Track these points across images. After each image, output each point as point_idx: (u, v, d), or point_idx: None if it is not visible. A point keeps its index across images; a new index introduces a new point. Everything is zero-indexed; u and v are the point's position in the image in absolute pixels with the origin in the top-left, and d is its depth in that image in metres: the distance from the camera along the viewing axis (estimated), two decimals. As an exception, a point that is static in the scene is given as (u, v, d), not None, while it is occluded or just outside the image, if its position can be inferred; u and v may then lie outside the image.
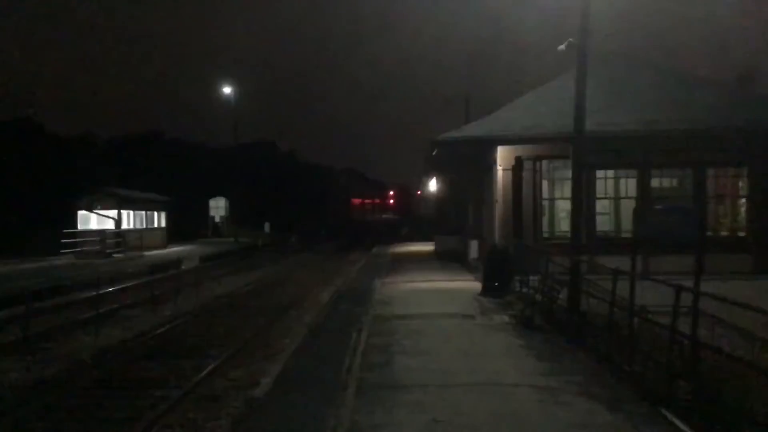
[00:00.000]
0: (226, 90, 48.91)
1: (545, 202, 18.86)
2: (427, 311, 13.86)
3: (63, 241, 29.35)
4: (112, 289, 19.34)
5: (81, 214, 31.67)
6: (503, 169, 18.66)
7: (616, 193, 18.72)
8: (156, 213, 37.84)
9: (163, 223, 39.02)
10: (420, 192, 73.70)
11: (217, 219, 54.26)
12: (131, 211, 33.97)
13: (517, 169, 18.50)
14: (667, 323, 7.70)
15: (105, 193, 32.58)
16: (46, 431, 8.11)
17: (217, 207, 54.38)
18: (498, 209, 18.87)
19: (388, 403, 7.49)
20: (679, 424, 6.63)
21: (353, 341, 11.09)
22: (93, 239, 29.96)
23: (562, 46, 13.50)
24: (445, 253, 29.17)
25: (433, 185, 43.81)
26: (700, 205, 17.52)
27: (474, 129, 19.56)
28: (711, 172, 18.53)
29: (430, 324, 12.40)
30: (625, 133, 17.35)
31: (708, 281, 9.24)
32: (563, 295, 12.60)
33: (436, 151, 20.81)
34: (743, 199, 18.53)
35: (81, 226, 31.31)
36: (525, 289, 15.21)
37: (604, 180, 18.64)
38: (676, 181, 19.11)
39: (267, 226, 55.08)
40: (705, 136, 17.46)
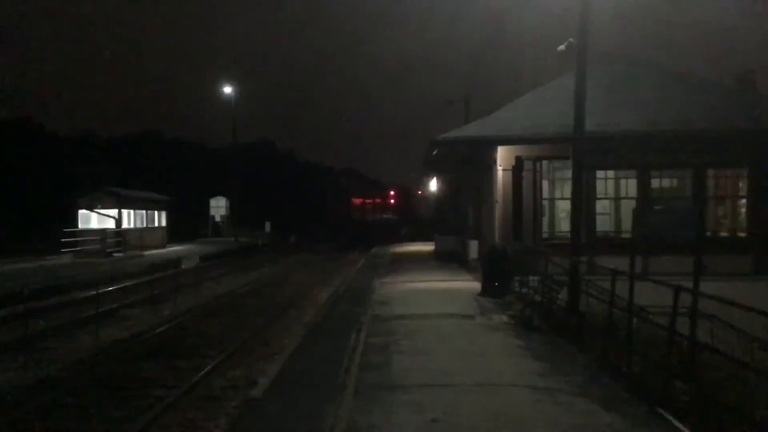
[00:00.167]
0: (226, 90, 48.94)
1: (545, 203, 18.85)
2: (426, 311, 13.84)
3: (63, 240, 29.36)
4: (111, 288, 19.39)
5: (81, 213, 31.67)
6: (503, 170, 18.64)
7: (616, 193, 18.72)
8: (156, 212, 37.86)
9: (164, 223, 39.04)
10: (420, 192, 73.68)
11: (217, 218, 54.26)
12: (131, 211, 33.98)
13: (517, 169, 18.48)
14: (666, 324, 7.70)
15: (105, 193, 32.55)
16: (44, 431, 8.10)
17: (218, 206, 54.39)
18: (498, 209, 18.85)
19: (386, 403, 7.48)
20: (677, 424, 6.63)
21: (352, 341, 11.08)
22: (93, 238, 29.96)
23: (562, 47, 13.51)
24: (445, 254, 29.15)
25: (433, 185, 43.80)
26: (700, 205, 17.51)
27: (474, 129, 19.55)
28: (711, 172, 18.54)
29: (429, 324, 12.38)
30: (625, 134, 17.34)
31: (708, 282, 9.23)
32: (562, 295, 12.59)
33: (435, 151, 20.80)
34: (743, 200, 18.53)
35: (81, 226, 31.30)
36: (524, 289, 15.20)
37: (604, 180, 18.63)
38: (676, 181, 19.11)
39: (267, 226, 55.08)
40: (705, 137, 17.45)
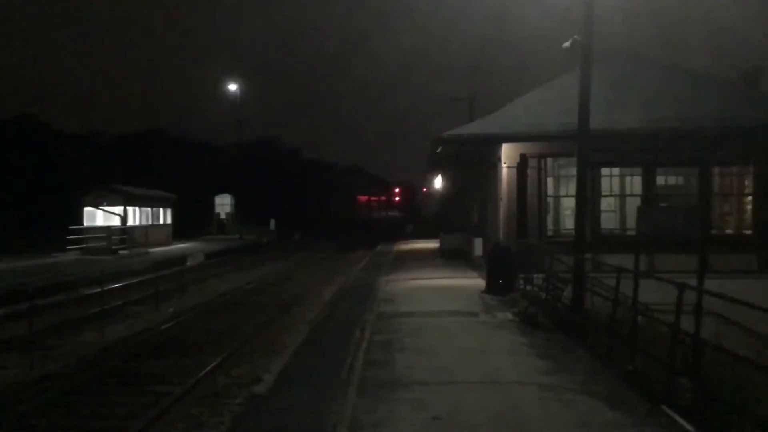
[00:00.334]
0: (231, 87, 49.01)
1: (550, 200, 18.81)
2: (430, 309, 13.83)
3: (68, 237, 29.47)
4: (116, 285, 19.46)
5: (87, 210, 31.78)
6: (508, 167, 18.61)
7: (621, 190, 18.67)
8: (161, 210, 37.96)
9: (169, 220, 39.15)
10: (425, 190, 73.60)
11: (222, 216, 54.32)
12: (137, 208, 34.09)
13: (521, 166, 18.44)
14: (670, 322, 7.67)
15: (111, 190, 32.65)
16: (48, 427, 8.14)
17: (223, 204, 54.46)
18: (502, 207, 18.82)
19: (389, 400, 7.49)
20: (681, 422, 6.61)
21: (356, 339, 11.08)
22: (98, 236, 30.06)
23: (567, 44, 13.44)
24: (449, 251, 29.13)
25: (437, 183, 43.72)
26: (705, 203, 17.45)
27: (478, 126, 19.50)
28: (716, 170, 18.46)
29: (433, 322, 12.38)
30: (630, 131, 17.27)
31: (714, 279, 9.20)
32: (567, 293, 12.57)
33: (440, 149, 20.77)
34: (749, 197, 18.44)
35: (87, 223, 31.42)
36: (529, 287, 15.18)
37: (609, 178, 18.58)
38: (681, 179, 19.02)
39: (272, 224, 55.14)
40: (710, 135, 17.35)
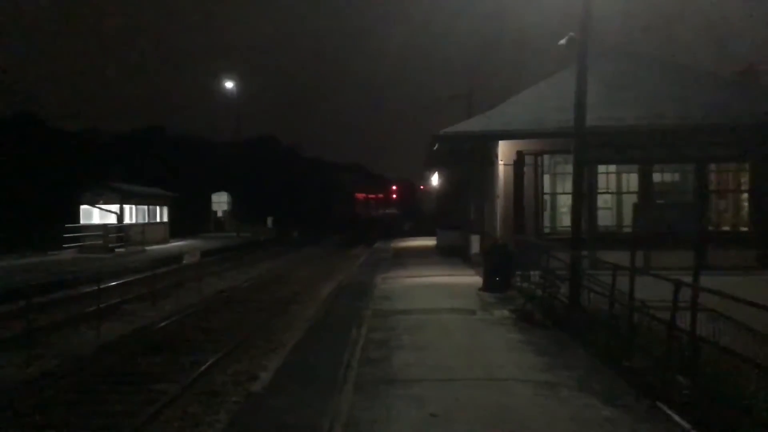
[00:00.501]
0: (229, 85, 49.01)
1: (547, 197, 18.82)
2: (427, 306, 13.86)
3: (65, 235, 29.39)
4: (113, 283, 19.44)
5: (83, 208, 31.74)
6: (505, 164, 18.61)
7: (618, 187, 18.67)
8: (158, 208, 37.90)
9: (166, 218, 39.09)
10: (423, 187, 73.60)
11: (219, 214, 54.32)
12: (134, 206, 34.03)
13: (518, 164, 18.45)
14: (667, 318, 7.68)
15: (107, 188, 32.60)
16: (45, 425, 8.13)
17: (220, 202, 54.47)
18: (499, 204, 18.83)
19: (386, 397, 7.50)
20: (677, 418, 6.62)
21: (353, 336, 11.09)
22: (95, 234, 30.01)
23: (563, 41, 13.44)
24: (447, 248, 29.16)
25: (435, 180, 43.73)
26: (702, 200, 17.46)
27: (475, 124, 19.49)
28: (713, 166, 18.48)
29: (430, 319, 12.39)
30: (627, 128, 17.29)
31: (711, 276, 9.21)
32: (564, 290, 12.57)
33: (437, 146, 20.75)
34: (746, 194, 18.46)
35: (83, 221, 31.39)
36: (526, 284, 15.19)
37: (606, 174, 18.58)
38: (678, 175, 19.04)
39: (270, 221, 55.13)
40: (707, 131, 17.38)
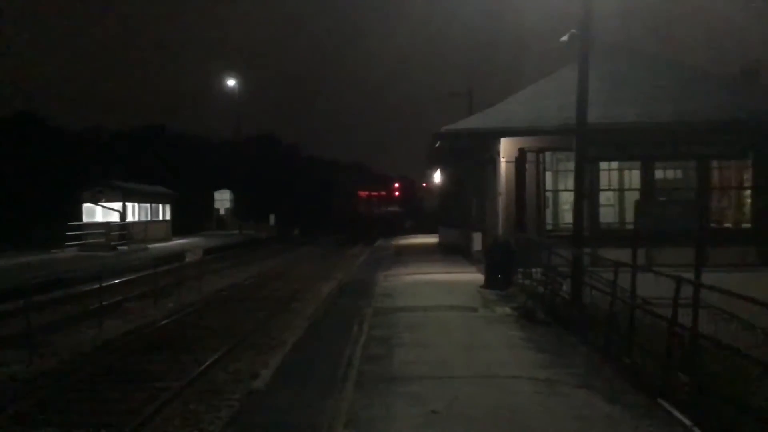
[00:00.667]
0: (230, 83, 49.04)
1: (549, 194, 18.81)
2: (428, 304, 13.84)
3: (68, 233, 29.43)
4: (115, 281, 19.47)
5: (86, 206, 31.75)
6: (506, 162, 18.60)
7: (620, 184, 18.66)
8: (161, 206, 37.94)
9: (168, 216, 39.13)
10: (425, 185, 73.53)
11: (221, 212, 54.32)
12: (136, 204, 34.07)
13: (520, 161, 18.43)
14: (668, 315, 7.67)
15: (110, 186, 32.62)
16: (46, 423, 8.14)
17: (222, 200, 54.45)
18: (501, 201, 18.82)
19: (387, 395, 7.49)
20: (678, 415, 6.61)
21: (354, 334, 11.09)
22: (97, 232, 30.03)
23: (565, 38, 13.37)
24: (449, 246, 29.16)
25: (437, 178, 43.71)
26: (703, 196, 17.43)
27: (476, 121, 19.49)
28: (715, 163, 18.45)
29: (432, 316, 12.39)
30: (628, 126, 17.28)
31: (712, 273, 9.20)
32: (566, 287, 12.56)
33: (438, 144, 20.76)
34: (748, 191, 18.43)
35: (86, 219, 31.39)
36: (528, 281, 15.18)
37: (608, 172, 18.57)
38: (680, 172, 19.02)
39: (271, 219, 55.14)
40: (709, 128, 17.36)
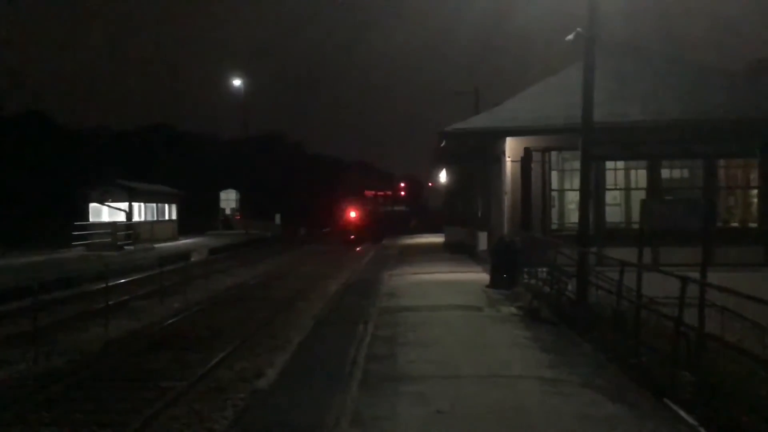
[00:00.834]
0: (236, 82, 49.10)
1: (554, 194, 18.74)
2: (433, 303, 13.83)
3: (74, 233, 29.55)
4: (122, 281, 19.53)
5: (92, 206, 31.89)
6: (512, 161, 18.55)
7: (626, 184, 18.58)
8: (167, 205, 38.05)
9: (174, 216, 39.24)
10: (431, 184, 73.51)
11: (227, 211, 54.46)
12: (142, 204, 34.17)
13: (525, 160, 18.38)
14: (674, 315, 7.65)
15: (116, 186, 32.74)
16: (52, 422, 8.16)
17: (228, 199, 54.64)
18: (507, 201, 18.78)
19: (391, 394, 7.48)
20: (683, 415, 6.59)
21: (359, 333, 11.09)
22: (104, 231, 30.14)
23: (570, 37, 13.30)
24: (454, 245, 29.12)
25: (442, 177, 43.70)
26: (710, 196, 17.35)
27: (482, 120, 19.45)
28: (722, 162, 18.36)
29: (437, 316, 12.37)
30: (635, 125, 17.20)
31: (719, 273, 9.19)
32: (571, 286, 12.53)
33: (444, 143, 20.72)
34: (755, 190, 18.34)
35: (92, 219, 31.53)
36: (533, 280, 15.14)
37: (614, 171, 18.49)
38: (686, 172, 18.93)
39: (277, 218, 55.24)
40: (716, 127, 17.28)
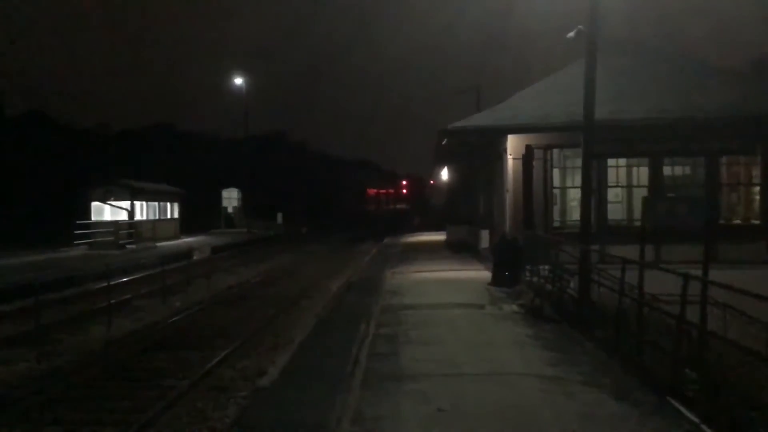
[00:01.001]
0: (237, 81, 49.10)
1: (556, 191, 18.70)
2: (435, 301, 13.83)
3: (76, 232, 29.55)
4: (124, 280, 19.54)
5: (94, 205, 31.86)
6: (513, 159, 18.53)
7: (628, 181, 18.54)
8: (169, 204, 38.05)
9: (176, 214, 39.24)
10: (432, 182, 73.53)
11: (229, 210, 54.40)
12: (144, 203, 34.16)
13: (527, 158, 18.35)
14: (676, 312, 7.63)
15: (118, 185, 32.72)
16: (54, 422, 8.18)
17: (230, 198, 54.53)
18: (508, 198, 18.76)
19: (393, 393, 7.48)
20: (686, 413, 6.57)
21: (361, 332, 11.09)
22: (106, 230, 30.14)
23: (572, 34, 13.29)
24: (456, 243, 29.11)
25: (444, 175, 43.66)
26: (712, 193, 17.32)
27: (483, 118, 19.42)
28: (724, 159, 18.32)
29: (439, 314, 12.37)
30: (636, 122, 17.15)
31: (721, 270, 9.14)
32: (573, 284, 12.51)
33: (445, 141, 20.70)
34: (757, 187, 18.29)
35: (94, 218, 31.51)
36: (535, 278, 15.12)
37: (615, 168, 18.46)
38: (688, 169, 18.88)
39: (279, 217, 55.22)
40: (718, 124, 17.22)
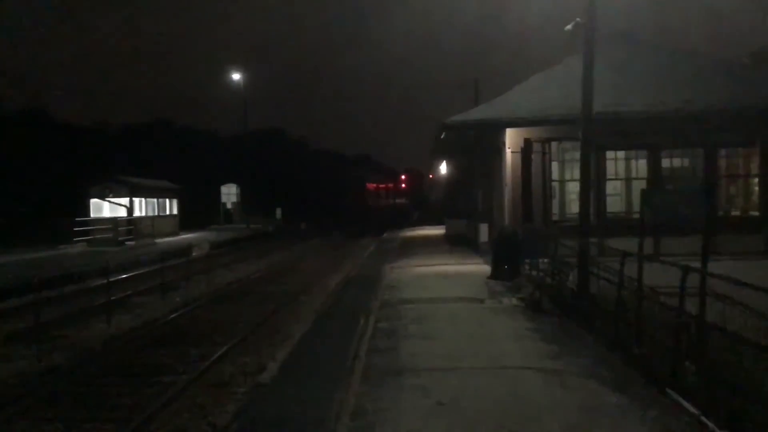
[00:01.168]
0: (236, 77, 49.01)
1: (555, 184, 18.72)
2: (435, 295, 13.84)
3: (75, 229, 29.53)
4: (123, 276, 19.52)
5: (93, 202, 31.82)
6: (512, 152, 18.52)
7: (627, 174, 18.55)
8: (168, 200, 38.01)
9: (175, 211, 39.21)
10: (431, 176, 73.52)
11: (228, 206, 54.37)
12: (143, 199, 34.13)
13: (526, 151, 18.35)
14: (675, 304, 7.63)
15: (117, 181, 32.66)
16: (54, 418, 8.17)
17: (229, 194, 54.46)
18: (507, 192, 18.76)
19: (393, 387, 7.49)
20: (686, 405, 6.58)
21: (360, 326, 11.10)
22: (105, 227, 30.13)
23: (569, 27, 13.25)
24: (456, 237, 29.14)
25: (443, 169, 43.64)
26: (711, 184, 17.32)
27: (482, 112, 19.41)
28: (722, 151, 18.33)
29: (438, 308, 12.38)
30: (635, 114, 17.16)
31: (721, 261, 9.15)
32: (573, 277, 12.51)
33: (444, 135, 20.68)
34: (756, 179, 18.30)
35: (93, 214, 31.48)
36: (534, 272, 15.13)
37: (614, 161, 18.46)
38: (687, 161, 18.89)
39: (278, 213, 55.23)
40: (716, 116, 17.23)
